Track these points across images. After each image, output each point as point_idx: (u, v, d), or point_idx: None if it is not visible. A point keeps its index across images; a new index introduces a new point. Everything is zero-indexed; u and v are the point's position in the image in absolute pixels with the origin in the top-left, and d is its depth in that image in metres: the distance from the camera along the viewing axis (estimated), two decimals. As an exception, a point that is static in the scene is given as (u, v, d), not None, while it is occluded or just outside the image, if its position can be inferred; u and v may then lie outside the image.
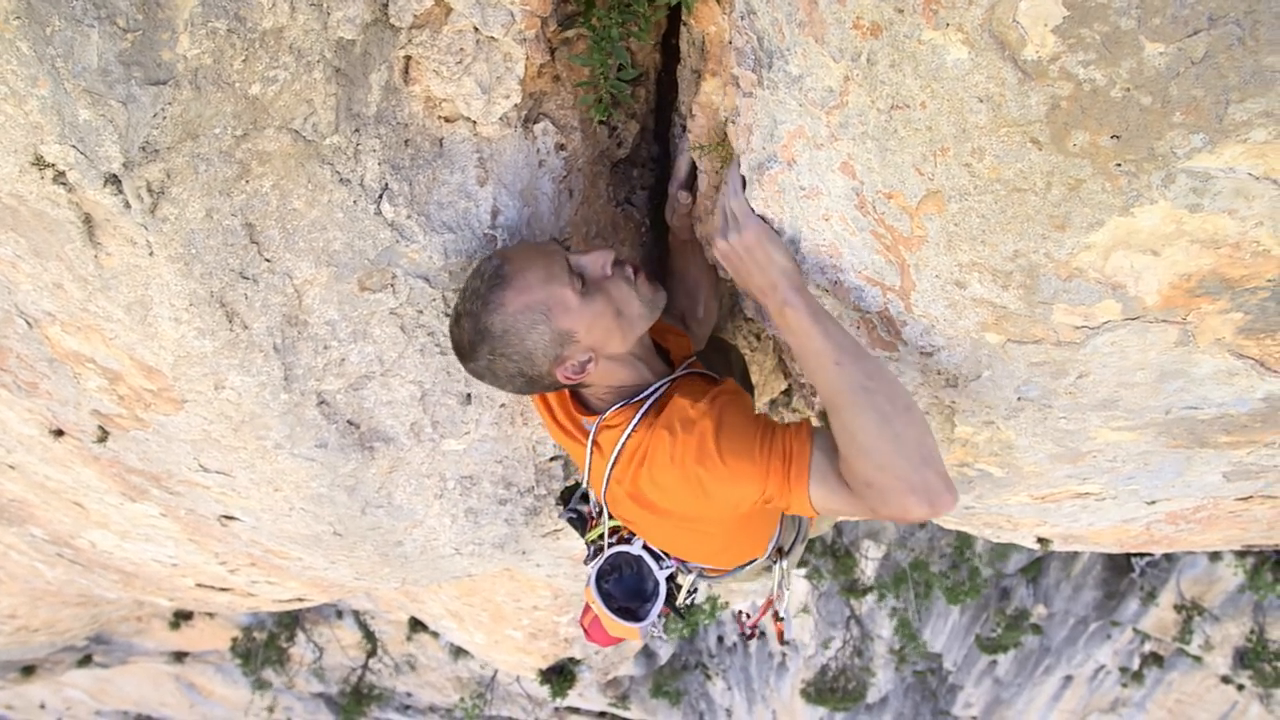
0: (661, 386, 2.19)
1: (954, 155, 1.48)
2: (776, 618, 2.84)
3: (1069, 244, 1.49)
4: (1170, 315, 1.59)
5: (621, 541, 2.52)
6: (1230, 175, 1.28)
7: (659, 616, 2.51)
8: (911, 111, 1.48)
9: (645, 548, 2.50)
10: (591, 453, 2.22)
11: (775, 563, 2.71)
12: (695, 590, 2.64)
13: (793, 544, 2.79)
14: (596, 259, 2.10)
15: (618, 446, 2.12)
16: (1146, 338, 1.66)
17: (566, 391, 2.31)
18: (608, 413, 2.18)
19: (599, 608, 2.48)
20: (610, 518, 2.49)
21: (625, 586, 2.51)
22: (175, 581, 4.77)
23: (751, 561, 2.61)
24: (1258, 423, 1.93)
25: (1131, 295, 1.56)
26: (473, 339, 2.01)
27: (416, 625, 11.50)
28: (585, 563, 2.58)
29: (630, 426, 2.12)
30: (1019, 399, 2.01)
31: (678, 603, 2.58)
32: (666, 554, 2.49)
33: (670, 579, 2.51)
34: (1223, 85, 1.16)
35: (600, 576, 2.50)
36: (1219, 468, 2.28)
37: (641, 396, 2.17)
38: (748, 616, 3.00)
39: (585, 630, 2.72)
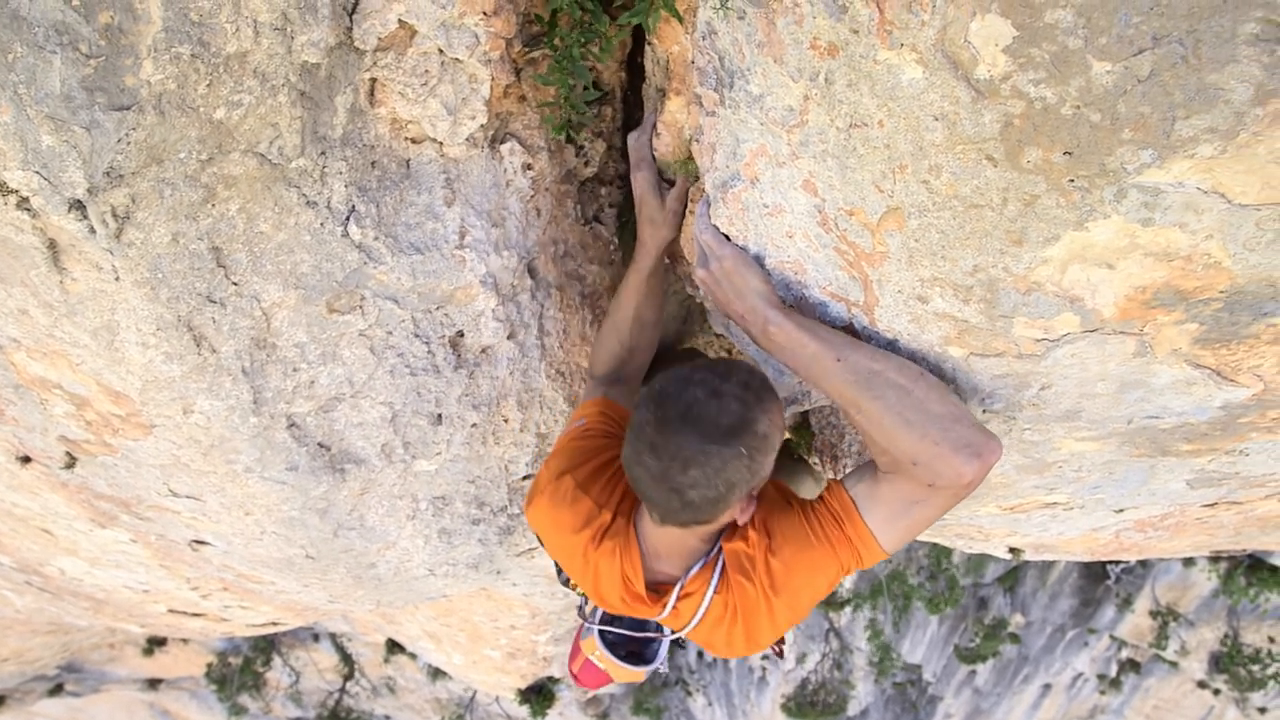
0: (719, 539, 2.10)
1: (912, 172, 1.50)
2: None
3: (1026, 258, 1.52)
4: (1128, 327, 1.61)
5: None
6: (1179, 190, 1.31)
7: (665, 657, 2.46)
8: (870, 130, 1.50)
9: None
10: (670, 614, 2.16)
11: None
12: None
13: None
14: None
15: (700, 612, 2.09)
16: (1105, 349, 1.69)
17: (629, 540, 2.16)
18: (686, 579, 2.10)
19: (609, 660, 2.40)
20: None
21: (626, 629, 2.41)
22: (146, 608, 4.72)
23: None
24: (1217, 431, 1.96)
25: (1089, 308, 1.58)
26: (737, 423, 1.77)
27: (394, 647, 11.41)
28: (581, 615, 2.50)
29: (710, 592, 2.07)
30: (984, 411, 2.03)
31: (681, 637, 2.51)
32: None
33: None
34: (1169, 102, 1.19)
35: (602, 629, 2.42)
36: (1182, 476, 2.31)
37: (712, 556, 2.09)
38: None
39: (575, 676, 2.61)
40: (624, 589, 2.14)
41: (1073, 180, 1.35)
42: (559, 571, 2.45)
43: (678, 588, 2.09)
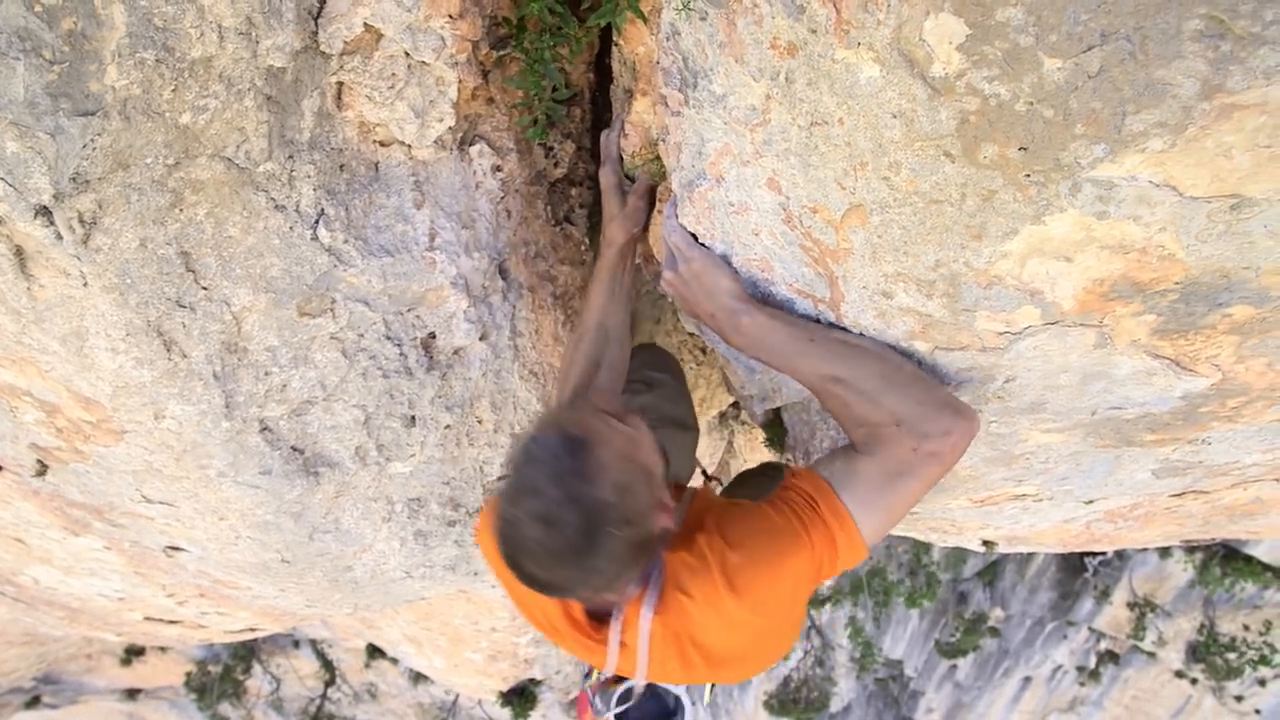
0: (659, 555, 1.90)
1: (873, 169, 1.52)
2: None
3: (986, 253, 1.54)
4: (1087, 319, 1.64)
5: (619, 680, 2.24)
6: (1133, 183, 1.33)
7: None
8: (830, 128, 1.52)
9: None
10: (619, 652, 1.95)
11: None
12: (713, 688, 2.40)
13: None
14: (613, 403, 1.93)
15: (642, 645, 1.87)
16: (1066, 341, 1.71)
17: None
18: (625, 604, 1.89)
19: None
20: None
21: (646, 711, 2.27)
22: (122, 616, 4.69)
23: None
24: (1179, 420, 2.00)
25: (1049, 300, 1.61)
26: (588, 525, 1.62)
27: (375, 652, 11.36)
28: (588, 688, 2.34)
29: (648, 614, 1.85)
30: (950, 404, 2.06)
31: (707, 700, 2.39)
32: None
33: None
34: (1119, 98, 1.21)
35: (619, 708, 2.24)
36: (1147, 465, 2.35)
37: (651, 572, 1.88)
38: None
39: None
40: (563, 614, 2.00)
41: (1029, 175, 1.37)
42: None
43: (616, 619, 1.90)
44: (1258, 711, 13.93)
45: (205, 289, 2.03)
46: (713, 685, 2.33)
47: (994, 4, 1.19)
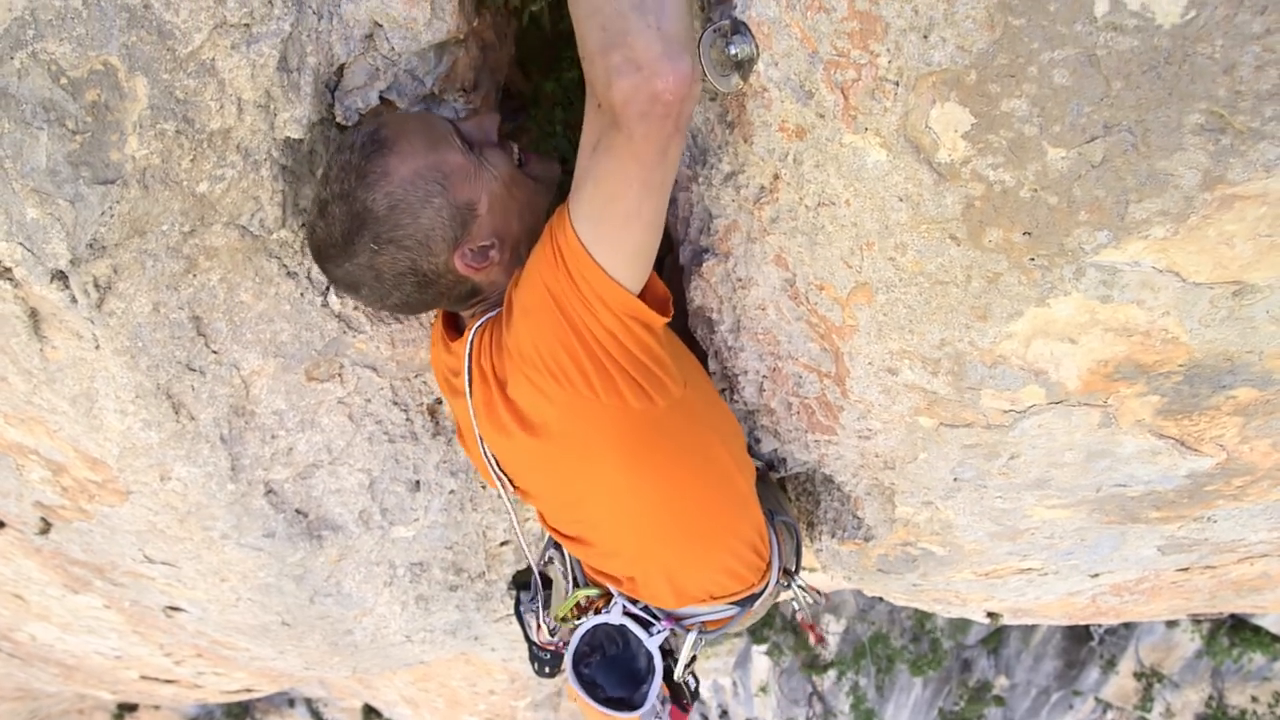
0: None
1: (879, 250, 1.54)
2: (813, 629, 2.34)
3: (991, 333, 1.56)
4: (1092, 399, 1.65)
5: (595, 613, 2.13)
6: (1136, 269, 1.35)
7: (659, 700, 2.08)
8: (837, 209, 1.54)
9: (627, 613, 2.10)
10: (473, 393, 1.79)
11: (788, 585, 2.31)
12: (694, 659, 2.17)
13: (797, 562, 2.36)
14: (484, 122, 1.76)
15: (466, 351, 1.75)
16: (1071, 420, 1.72)
17: (441, 320, 1.96)
18: (475, 330, 1.76)
19: (583, 701, 2.06)
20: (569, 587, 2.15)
21: (613, 670, 2.11)
22: (118, 674, 4.66)
23: (753, 595, 2.17)
24: (1184, 498, 1.99)
25: (1054, 380, 1.62)
26: (348, 227, 1.60)
27: (371, 713, 11.20)
28: (536, 634, 2.24)
29: (475, 327, 1.75)
30: (955, 480, 2.06)
31: (676, 676, 2.13)
32: (649, 612, 2.09)
33: (664, 649, 2.11)
34: (1121, 187, 1.24)
35: (578, 660, 2.09)
36: (1153, 542, 2.34)
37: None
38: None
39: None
40: (439, 339, 1.94)
41: (1033, 259, 1.39)
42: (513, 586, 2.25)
43: (469, 340, 1.76)
44: (1267, 787, 13.67)
45: (215, 353, 2.05)
46: None
47: (999, 95, 1.22)
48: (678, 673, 2.12)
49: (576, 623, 2.13)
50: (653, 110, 1.30)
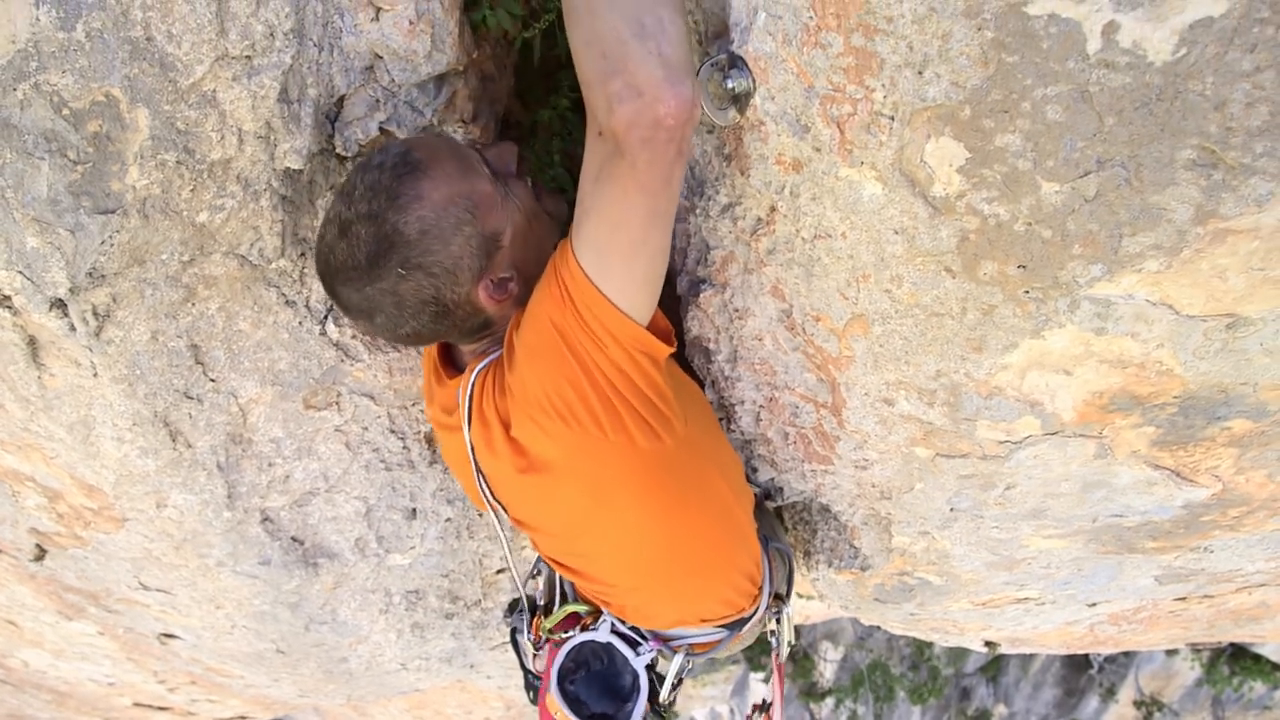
0: None
1: (875, 282, 1.55)
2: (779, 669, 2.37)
3: (987, 364, 1.56)
4: (1087, 430, 1.65)
5: (584, 629, 2.12)
6: (1130, 301, 1.36)
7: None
8: (834, 241, 1.55)
9: (614, 631, 2.09)
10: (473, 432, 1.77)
11: (777, 612, 2.27)
12: (680, 682, 2.15)
13: (789, 588, 2.36)
14: (503, 152, 1.74)
15: (467, 394, 1.73)
16: (1067, 451, 1.72)
17: (437, 354, 1.93)
18: (477, 372, 1.74)
19: (564, 716, 2.03)
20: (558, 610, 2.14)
21: (596, 686, 2.08)
22: (111, 701, 4.63)
23: (743, 619, 2.16)
24: (1181, 529, 2.00)
25: (1049, 412, 1.62)
26: (374, 249, 1.54)
27: (365, 740, 11.12)
28: (532, 662, 2.24)
29: (477, 369, 1.73)
30: (951, 510, 2.06)
31: (662, 698, 2.11)
32: (638, 632, 2.08)
33: (650, 668, 2.09)
34: (1115, 221, 1.25)
35: (563, 677, 2.06)
36: (1150, 572, 2.34)
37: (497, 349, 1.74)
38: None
39: None
40: (431, 371, 1.94)
41: (1028, 291, 1.40)
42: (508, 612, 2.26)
43: (470, 382, 1.75)
44: (1269, 817, 13.56)
45: (213, 381, 2.05)
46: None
47: (993, 130, 1.23)
48: (663, 694, 2.11)
49: (564, 635, 2.12)
50: (656, 136, 1.29)
